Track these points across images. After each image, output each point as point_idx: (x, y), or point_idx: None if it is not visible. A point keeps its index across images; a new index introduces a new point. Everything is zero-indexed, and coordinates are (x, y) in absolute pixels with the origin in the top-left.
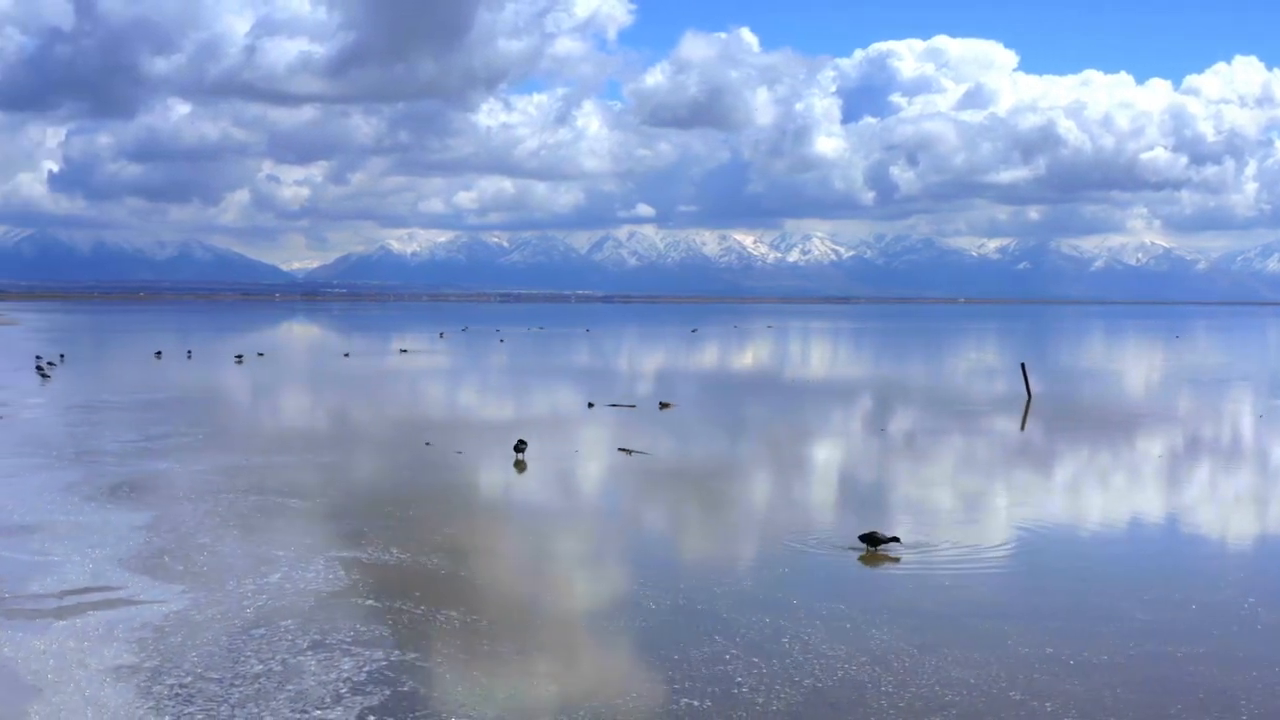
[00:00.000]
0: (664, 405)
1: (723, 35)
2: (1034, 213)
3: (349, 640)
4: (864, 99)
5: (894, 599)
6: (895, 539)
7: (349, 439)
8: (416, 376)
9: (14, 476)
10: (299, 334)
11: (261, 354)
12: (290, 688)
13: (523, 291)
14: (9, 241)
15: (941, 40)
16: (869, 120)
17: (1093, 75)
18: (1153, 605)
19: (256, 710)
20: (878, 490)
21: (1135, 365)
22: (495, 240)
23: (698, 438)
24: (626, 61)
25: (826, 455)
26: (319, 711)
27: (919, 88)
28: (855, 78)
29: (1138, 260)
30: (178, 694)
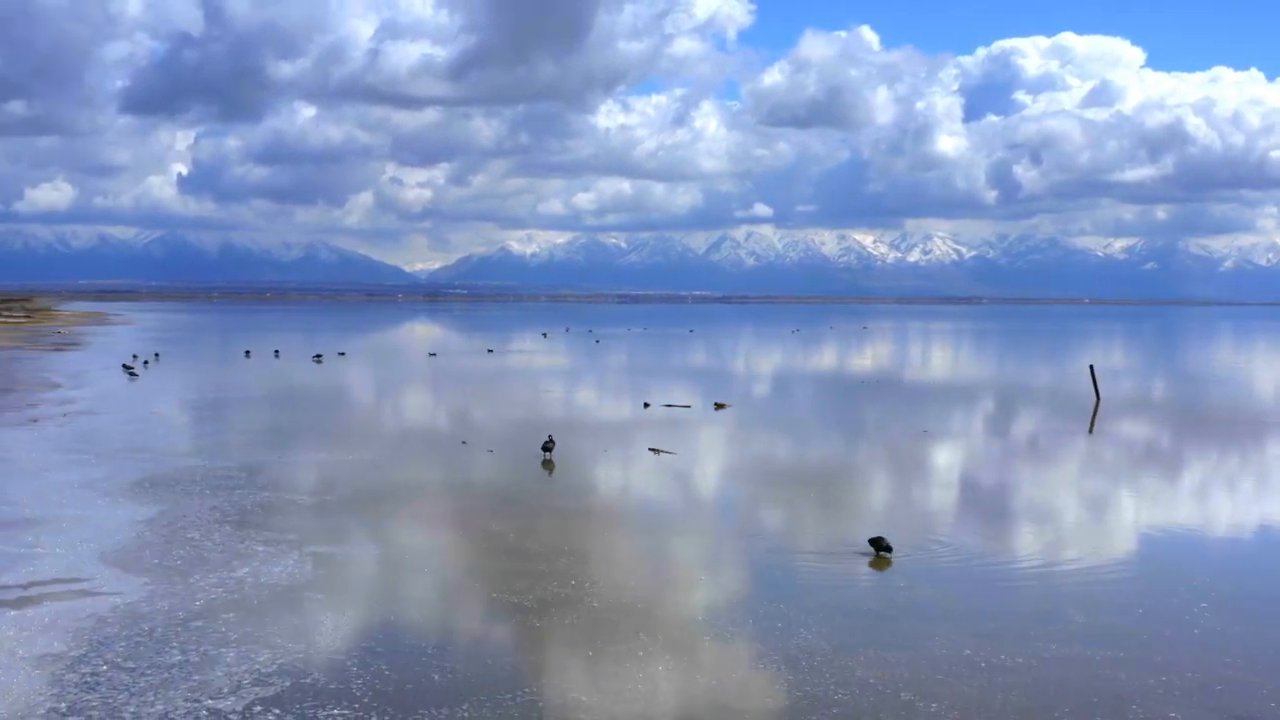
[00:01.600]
0: (719, 406)
1: (842, 34)
2: (1161, 212)
3: (278, 633)
4: (986, 97)
5: (840, 600)
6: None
7: (386, 437)
8: (489, 377)
9: (45, 472)
10: (399, 334)
11: (342, 353)
12: (197, 678)
13: (640, 292)
14: (139, 243)
15: (1067, 37)
16: (992, 118)
17: (1222, 72)
18: (1097, 608)
19: (152, 699)
20: (885, 492)
21: (1247, 369)
22: (613, 241)
23: (736, 439)
24: (745, 61)
25: (853, 456)
26: (211, 701)
27: (1043, 85)
28: (977, 75)
29: (1268, 260)
30: (85, 681)
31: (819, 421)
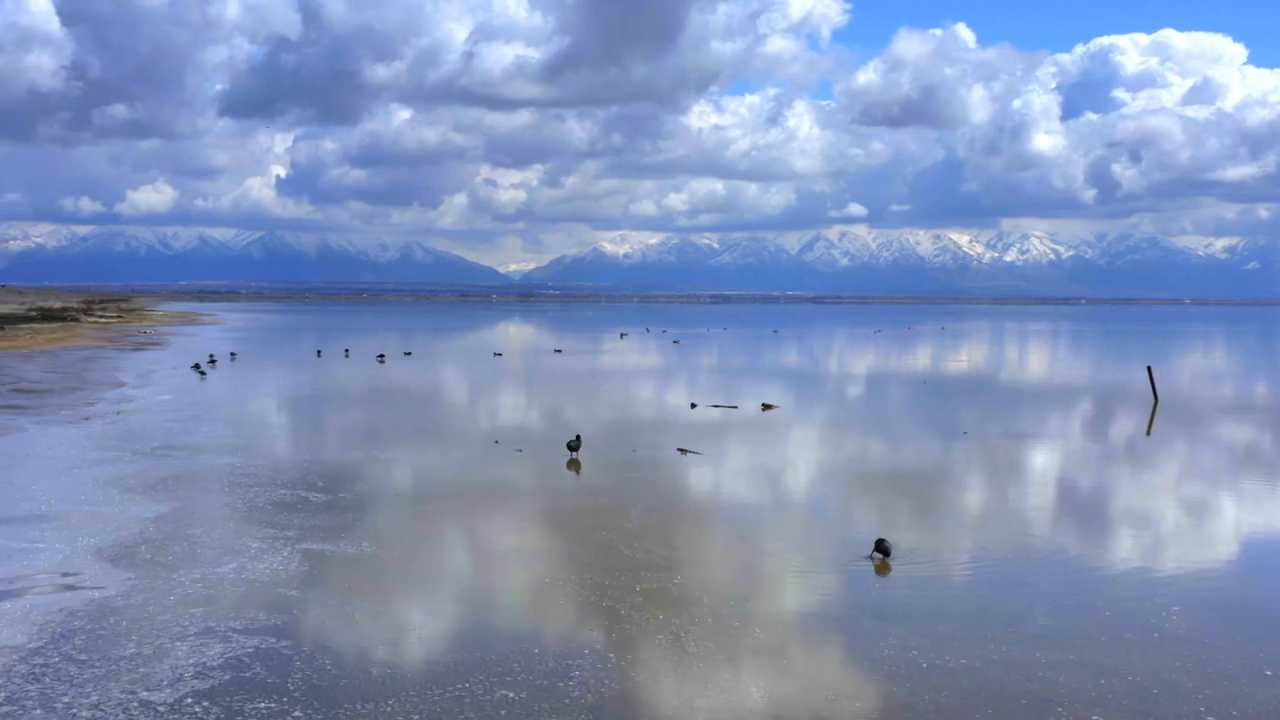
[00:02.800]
0: (767, 406)
1: (937, 31)
2: (1264, 211)
3: (238, 628)
4: (1085, 94)
5: (812, 603)
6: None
7: (418, 436)
8: (547, 376)
9: (77, 469)
10: (477, 335)
11: (408, 353)
12: (142, 670)
13: (732, 293)
14: (239, 244)
15: (1167, 34)
16: (1090, 116)
17: None
18: (1064, 611)
19: (90, 690)
20: (903, 495)
21: None
22: (706, 242)
23: (771, 440)
24: (839, 60)
25: (881, 459)
26: (146, 693)
27: (1143, 82)
28: (1075, 73)
29: None
30: (33, 673)
31: (860, 423)
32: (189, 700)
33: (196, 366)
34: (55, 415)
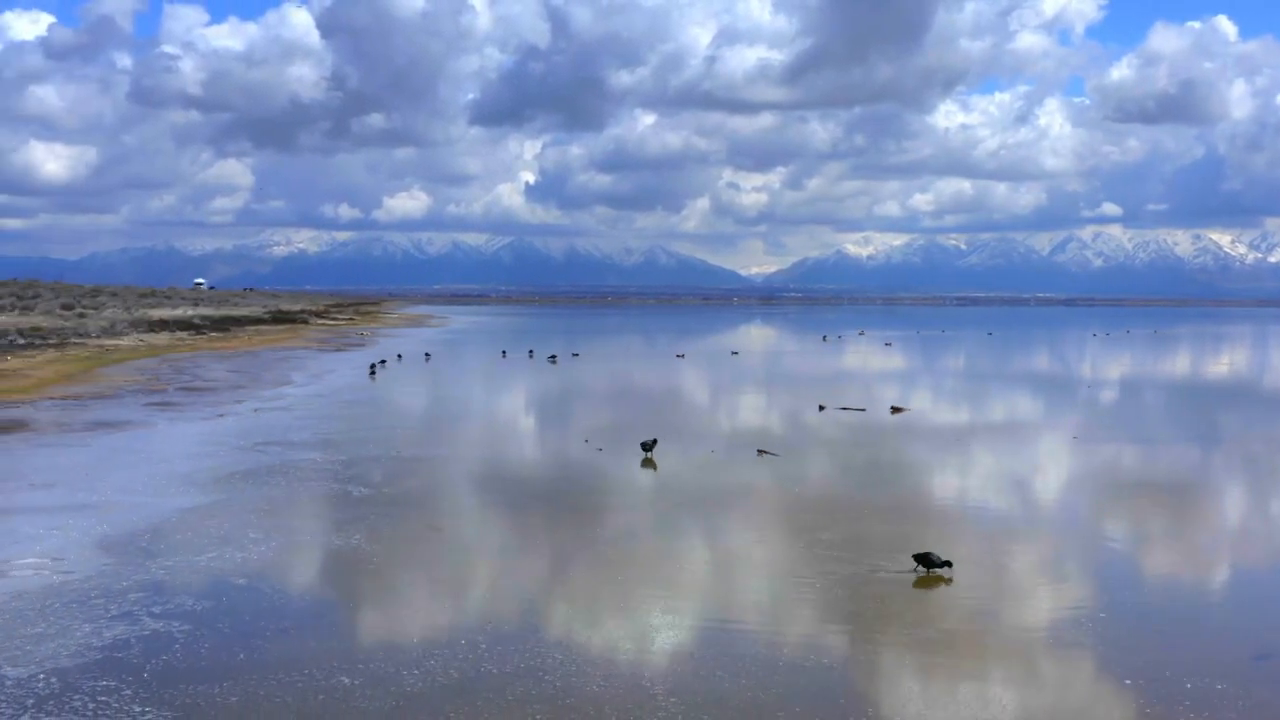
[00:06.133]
0: (896, 410)
1: (1196, 25)
2: None
3: (159, 611)
4: None
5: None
6: (948, 563)
7: (517, 435)
8: (699, 379)
9: (164, 462)
10: (680, 337)
11: (576, 354)
12: (30, 648)
13: (980, 295)
14: (489, 249)
15: None
16: None
17: None
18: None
19: None
20: (963, 505)
21: None
22: (952, 243)
23: (871, 442)
24: (1091, 56)
25: (979, 464)
26: (11, 669)
27: None
28: None
29: None
30: None
31: (981, 427)
32: (41, 676)
33: (372, 366)
34: (197, 412)
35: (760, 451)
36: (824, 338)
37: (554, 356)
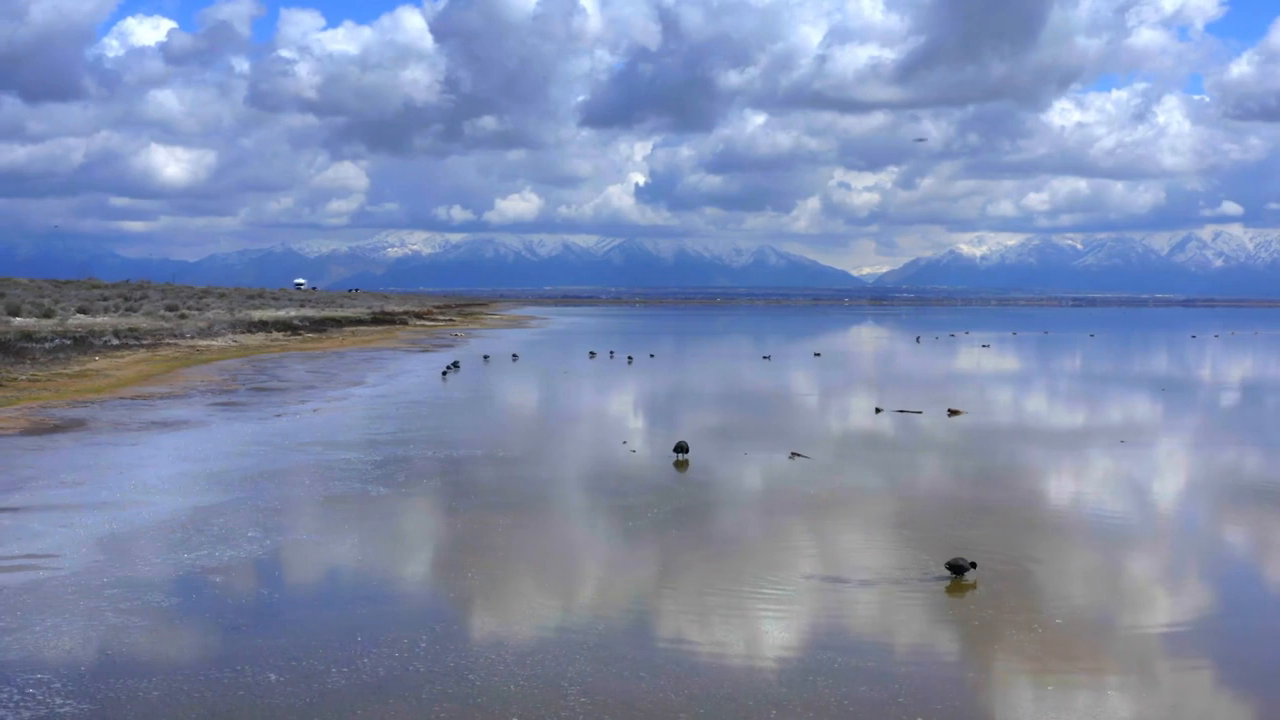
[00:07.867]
0: (953, 412)
1: None
2: None
3: (125, 607)
4: None
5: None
6: (973, 564)
7: (556, 436)
8: (765, 379)
9: (201, 460)
10: (774, 339)
11: (652, 355)
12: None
13: (1096, 295)
14: (600, 250)
15: None
16: None
17: None
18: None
19: None
20: (981, 513)
21: None
22: (1068, 243)
23: (912, 445)
24: (1210, 52)
25: (1021, 470)
26: None
27: None
28: None
29: None
30: None
31: (1040, 431)
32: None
33: (447, 368)
34: (257, 412)
35: (793, 454)
36: (918, 339)
37: (630, 358)
